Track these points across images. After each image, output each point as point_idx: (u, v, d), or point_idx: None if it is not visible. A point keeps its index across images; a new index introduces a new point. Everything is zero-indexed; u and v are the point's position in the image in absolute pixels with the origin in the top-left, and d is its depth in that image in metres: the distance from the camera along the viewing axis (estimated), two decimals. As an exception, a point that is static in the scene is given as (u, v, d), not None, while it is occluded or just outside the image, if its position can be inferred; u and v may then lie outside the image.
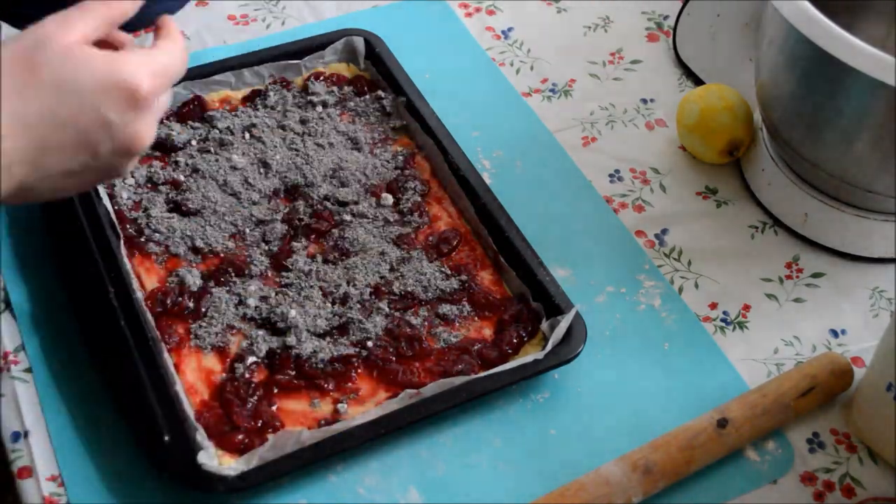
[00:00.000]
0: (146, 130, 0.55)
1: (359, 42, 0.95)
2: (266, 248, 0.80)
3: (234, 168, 0.85)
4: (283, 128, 0.88)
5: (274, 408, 0.70)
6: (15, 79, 0.51)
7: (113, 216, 0.80)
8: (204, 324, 0.74)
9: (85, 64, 0.52)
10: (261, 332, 0.74)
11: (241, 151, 0.86)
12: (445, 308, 0.76)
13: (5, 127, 0.50)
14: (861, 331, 0.81)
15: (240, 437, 0.68)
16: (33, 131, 0.51)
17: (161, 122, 0.87)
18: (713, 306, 0.81)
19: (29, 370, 0.73)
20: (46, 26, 0.53)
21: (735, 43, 0.96)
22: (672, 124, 0.95)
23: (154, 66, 0.56)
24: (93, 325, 0.74)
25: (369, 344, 0.74)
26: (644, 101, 0.98)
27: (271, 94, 0.91)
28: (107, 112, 0.52)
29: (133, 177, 0.83)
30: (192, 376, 0.72)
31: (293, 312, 0.74)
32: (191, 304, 0.75)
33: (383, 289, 0.77)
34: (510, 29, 1.04)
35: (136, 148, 0.55)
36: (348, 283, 0.77)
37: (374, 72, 0.94)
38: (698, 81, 0.99)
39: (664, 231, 0.87)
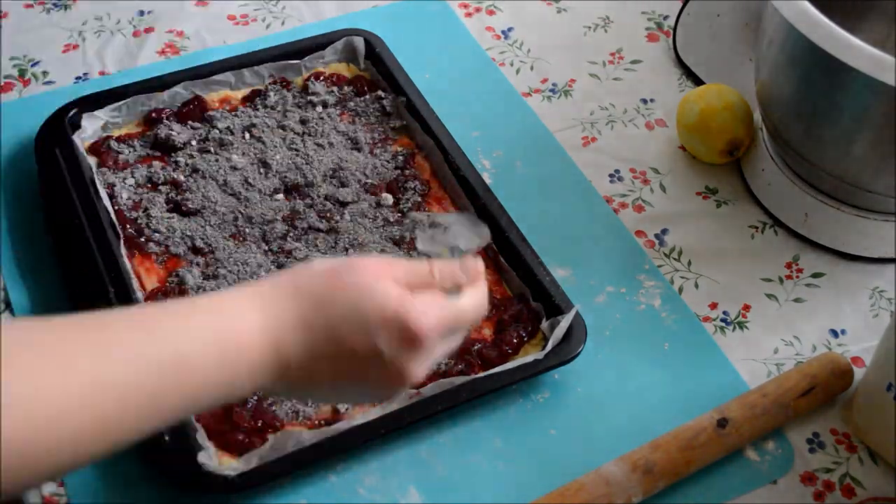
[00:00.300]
0: (415, 370, 0.55)
1: (359, 42, 0.95)
2: (266, 247, 0.80)
3: (234, 168, 0.85)
4: (283, 128, 0.88)
5: (274, 408, 0.70)
6: (318, 292, 0.54)
7: (113, 216, 0.80)
8: (204, 324, 0.74)
9: (378, 295, 0.54)
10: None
11: (241, 151, 0.86)
12: (445, 308, 0.76)
13: (292, 325, 0.53)
14: (861, 331, 0.81)
15: (240, 437, 0.68)
16: (314, 340, 0.53)
17: (161, 121, 0.87)
18: (713, 306, 0.81)
19: (29, 370, 0.73)
20: (368, 258, 0.56)
21: (735, 43, 0.96)
22: (672, 124, 0.95)
23: (444, 314, 0.56)
24: (93, 325, 0.73)
25: (369, 344, 0.74)
26: (644, 101, 0.98)
27: (271, 94, 0.91)
28: (380, 344, 0.53)
29: (133, 177, 0.84)
30: (192, 376, 0.71)
31: (293, 312, 0.74)
32: (191, 304, 0.75)
33: (383, 289, 0.77)
34: (510, 29, 1.04)
35: (400, 383, 0.56)
36: (348, 283, 0.77)
37: (374, 72, 0.94)
38: (698, 81, 0.99)
39: (664, 231, 0.87)
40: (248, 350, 0.51)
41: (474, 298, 0.59)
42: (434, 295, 0.57)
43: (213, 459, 0.66)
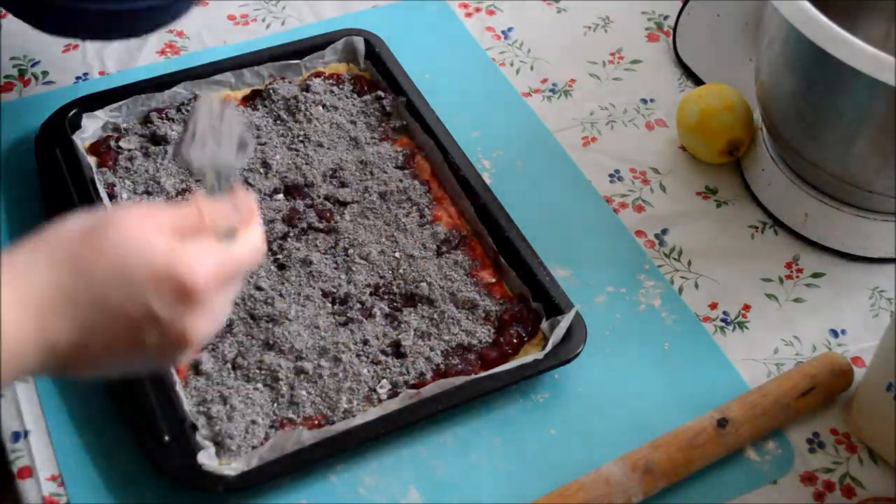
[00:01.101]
0: (197, 327, 0.50)
1: (359, 42, 0.95)
2: (266, 247, 0.80)
3: (234, 168, 0.85)
4: (283, 128, 0.88)
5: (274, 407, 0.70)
6: (76, 254, 0.49)
7: (113, 216, 0.80)
8: (204, 324, 0.74)
9: (143, 252, 0.49)
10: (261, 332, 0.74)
11: (241, 151, 0.86)
12: (445, 308, 0.76)
13: (52, 301, 0.48)
14: (861, 331, 0.81)
15: (240, 437, 0.68)
16: (80, 312, 0.48)
17: (161, 121, 0.87)
18: (713, 306, 0.81)
19: (29, 370, 0.73)
20: (126, 209, 0.51)
21: (735, 43, 0.96)
22: (672, 124, 0.95)
23: (220, 263, 0.51)
24: (93, 325, 0.73)
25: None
26: (644, 101, 0.98)
27: (271, 94, 0.91)
28: (154, 306, 0.49)
29: (133, 181, 0.84)
30: (192, 376, 0.72)
31: (293, 312, 0.74)
32: (191, 304, 0.75)
33: (383, 289, 0.77)
34: (510, 29, 1.04)
35: (184, 344, 0.51)
36: (348, 282, 0.77)
37: (374, 72, 0.94)
38: (698, 81, 0.99)
39: (664, 231, 0.87)
40: (4, 336, 0.46)
41: (250, 241, 0.54)
42: (207, 241, 0.52)
43: (213, 459, 0.66)
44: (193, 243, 0.51)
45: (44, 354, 0.48)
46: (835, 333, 0.80)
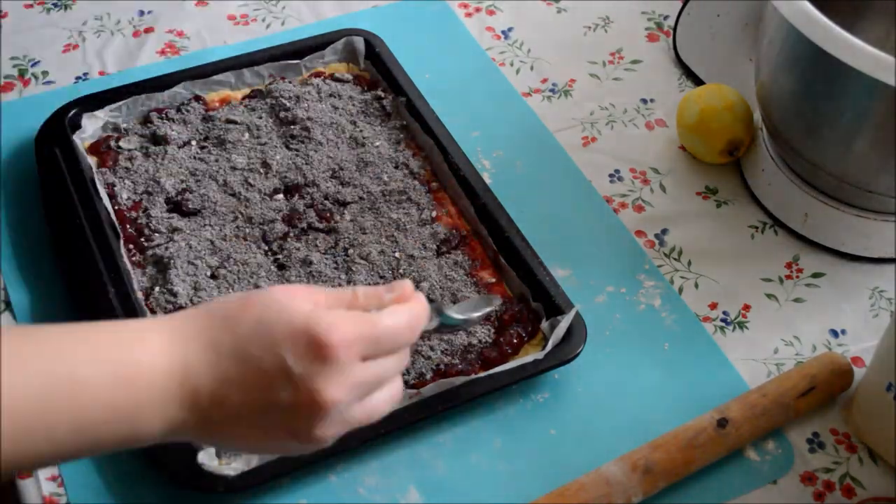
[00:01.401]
0: (330, 390, 0.50)
1: (359, 42, 0.95)
2: (266, 247, 0.80)
3: (234, 168, 0.85)
4: (283, 128, 0.88)
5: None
6: (229, 313, 0.51)
7: (113, 216, 0.80)
8: (204, 324, 0.74)
9: (286, 311, 0.50)
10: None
11: (241, 152, 0.86)
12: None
13: (199, 346, 0.50)
14: (861, 331, 0.81)
15: (240, 437, 0.68)
16: (221, 361, 0.50)
17: (161, 121, 0.87)
18: (713, 306, 0.81)
19: (29, 370, 0.73)
20: (285, 285, 0.54)
21: (735, 43, 0.96)
22: (672, 124, 0.95)
23: (359, 327, 0.51)
24: (93, 325, 0.74)
25: (369, 344, 0.74)
26: (644, 101, 0.98)
27: (271, 93, 0.91)
28: (288, 360, 0.49)
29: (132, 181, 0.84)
30: (192, 376, 0.71)
31: (293, 312, 0.74)
32: (191, 305, 0.75)
33: (383, 289, 0.77)
34: (510, 29, 1.04)
35: (317, 407, 0.50)
36: (349, 283, 0.77)
37: (374, 72, 0.94)
38: (698, 81, 0.99)
39: (664, 231, 0.87)
40: (148, 371, 0.48)
41: (397, 314, 0.54)
42: (353, 312, 0.53)
43: (213, 459, 0.66)
44: (338, 310, 0.52)
45: (185, 401, 0.49)
46: (835, 333, 0.80)
